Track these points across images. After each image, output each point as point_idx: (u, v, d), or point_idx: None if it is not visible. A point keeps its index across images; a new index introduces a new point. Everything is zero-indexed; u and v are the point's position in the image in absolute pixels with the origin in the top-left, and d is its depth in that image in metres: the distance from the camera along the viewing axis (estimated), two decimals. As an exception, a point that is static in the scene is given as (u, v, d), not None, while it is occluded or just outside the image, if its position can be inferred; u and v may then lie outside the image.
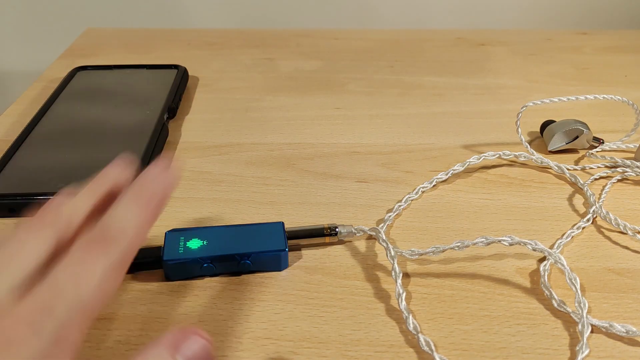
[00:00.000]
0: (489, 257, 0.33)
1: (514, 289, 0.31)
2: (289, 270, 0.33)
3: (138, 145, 0.41)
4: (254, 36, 0.66)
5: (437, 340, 0.28)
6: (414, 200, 0.39)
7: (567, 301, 0.30)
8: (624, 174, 0.40)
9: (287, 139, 0.46)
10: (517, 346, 0.28)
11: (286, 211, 0.37)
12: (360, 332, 0.29)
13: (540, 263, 0.33)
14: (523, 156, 0.42)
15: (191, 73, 0.56)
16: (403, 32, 0.68)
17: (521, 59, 0.60)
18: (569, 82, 0.55)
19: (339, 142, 0.45)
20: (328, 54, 0.62)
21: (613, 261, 0.33)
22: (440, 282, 0.32)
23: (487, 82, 0.55)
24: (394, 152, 0.44)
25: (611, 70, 0.58)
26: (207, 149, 0.44)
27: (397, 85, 0.55)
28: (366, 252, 0.34)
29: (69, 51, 0.62)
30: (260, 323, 0.29)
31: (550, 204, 0.38)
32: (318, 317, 0.30)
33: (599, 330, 0.29)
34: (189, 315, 0.30)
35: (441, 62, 0.60)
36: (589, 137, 0.43)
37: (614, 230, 0.36)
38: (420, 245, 0.34)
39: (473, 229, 0.36)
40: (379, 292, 0.31)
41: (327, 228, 0.34)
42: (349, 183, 0.40)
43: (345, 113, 0.50)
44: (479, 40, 0.65)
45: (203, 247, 0.32)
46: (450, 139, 0.46)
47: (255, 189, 0.40)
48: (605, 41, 0.65)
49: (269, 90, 0.54)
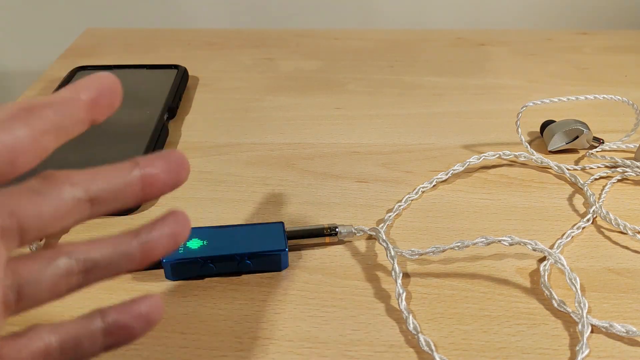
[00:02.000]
0: (489, 257, 0.33)
1: (514, 289, 0.31)
2: (289, 270, 0.33)
3: (138, 145, 0.41)
4: (254, 36, 0.66)
5: (437, 340, 0.28)
6: (414, 200, 0.39)
7: (567, 301, 0.30)
8: (624, 174, 0.40)
9: (287, 139, 0.46)
10: (517, 346, 0.28)
11: (286, 211, 0.37)
12: (360, 332, 0.29)
13: (540, 263, 0.33)
14: (523, 156, 0.42)
15: (191, 73, 0.56)
16: (403, 32, 0.68)
17: (521, 59, 0.60)
18: (569, 82, 0.55)
19: (339, 142, 0.45)
20: (328, 54, 0.62)
21: (613, 261, 0.33)
22: (440, 282, 0.32)
23: (487, 82, 0.55)
24: (394, 152, 0.44)
25: (611, 70, 0.58)
26: (207, 149, 0.44)
27: (397, 85, 0.55)
28: (366, 252, 0.34)
29: (69, 51, 0.62)
30: (260, 323, 0.29)
31: (550, 204, 0.38)
32: (318, 317, 0.30)
33: (599, 330, 0.29)
34: (189, 315, 0.30)
35: (441, 62, 0.60)
36: (589, 137, 0.43)
37: (614, 230, 0.36)
38: (420, 245, 0.34)
39: (473, 229, 0.36)
40: (379, 292, 0.31)
41: (327, 228, 0.34)
42: (349, 183, 0.40)
43: (345, 113, 0.50)
44: (479, 40, 0.65)
45: (203, 247, 0.32)
46: (450, 139, 0.46)
47: (255, 189, 0.40)
48: (605, 41, 0.65)
49: (269, 90, 0.54)
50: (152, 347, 0.28)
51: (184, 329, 0.29)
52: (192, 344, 0.28)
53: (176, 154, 0.20)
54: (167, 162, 0.19)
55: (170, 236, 0.19)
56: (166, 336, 0.29)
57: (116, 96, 0.20)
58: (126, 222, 0.36)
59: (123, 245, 0.19)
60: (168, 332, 0.29)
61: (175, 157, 0.20)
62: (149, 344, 0.28)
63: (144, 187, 0.19)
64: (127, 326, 0.19)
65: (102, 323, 0.19)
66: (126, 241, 0.19)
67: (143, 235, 0.19)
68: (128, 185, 0.19)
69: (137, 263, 0.19)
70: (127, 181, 0.19)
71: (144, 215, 0.37)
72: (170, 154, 0.20)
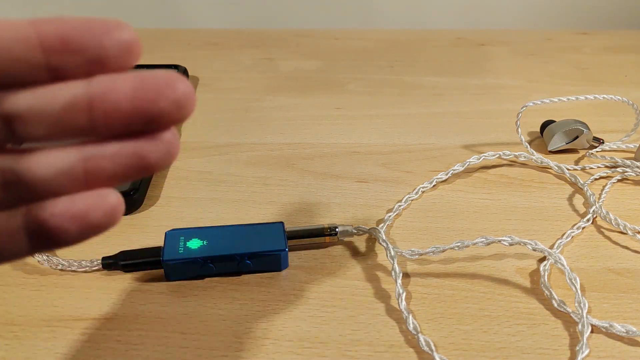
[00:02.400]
0: (489, 257, 0.33)
1: (514, 289, 0.31)
2: (289, 270, 0.33)
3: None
4: (254, 36, 0.66)
5: (437, 340, 0.28)
6: (414, 200, 0.39)
7: (567, 301, 0.30)
8: (624, 174, 0.40)
9: (287, 139, 0.46)
10: (517, 346, 0.28)
11: (286, 211, 0.37)
12: (360, 332, 0.29)
13: (540, 263, 0.33)
14: (523, 156, 0.42)
15: (191, 73, 0.56)
16: (403, 32, 0.68)
17: (521, 59, 0.60)
18: (569, 82, 0.55)
19: (339, 142, 0.45)
20: (328, 54, 0.62)
21: (613, 261, 0.33)
22: (440, 282, 0.32)
23: (487, 82, 0.55)
24: (394, 152, 0.44)
25: (611, 70, 0.58)
26: (207, 149, 0.44)
27: (397, 85, 0.55)
28: (366, 252, 0.34)
29: (69, 51, 0.62)
30: (260, 323, 0.29)
31: (550, 204, 0.38)
32: (318, 317, 0.30)
33: (599, 330, 0.29)
34: (189, 315, 0.30)
35: (441, 62, 0.60)
36: (589, 137, 0.43)
37: (614, 230, 0.36)
38: (420, 245, 0.34)
39: (473, 229, 0.36)
40: (379, 292, 0.31)
41: (327, 228, 0.34)
42: (349, 183, 0.40)
43: (345, 113, 0.50)
44: (479, 40, 0.65)
45: (203, 247, 0.32)
46: (450, 139, 0.46)
47: (255, 189, 0.40)
48: (605, 41, 0.65)
49: (269, 90, 0.54)
50: (152, 347, 0.28)
51: (184, 329, 0.29)
52: (192, 344, 0.28)
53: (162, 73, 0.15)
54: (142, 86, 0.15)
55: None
56: (166, 336, 0.29)
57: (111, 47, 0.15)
58: (126, 222, 0.36)
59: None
60: (168, 332, 0.29)
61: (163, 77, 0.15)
62: (149, 344, 0.28)
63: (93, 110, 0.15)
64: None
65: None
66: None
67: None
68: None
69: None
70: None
71: (144, 214, 0.37)
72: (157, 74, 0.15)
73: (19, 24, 0.15)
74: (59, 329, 0.29)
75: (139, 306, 0.30)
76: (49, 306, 0.30)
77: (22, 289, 0.31)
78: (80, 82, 0.15)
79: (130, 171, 0.16)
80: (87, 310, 0.30)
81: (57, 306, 0.30)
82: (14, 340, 0.28)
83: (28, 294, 0.31)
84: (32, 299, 0.31)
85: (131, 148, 0.16)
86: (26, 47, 0.15)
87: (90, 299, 0.31)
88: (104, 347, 0.28)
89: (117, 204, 0.16)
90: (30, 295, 0.31)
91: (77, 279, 0.32)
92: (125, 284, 0.32)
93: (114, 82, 0.15)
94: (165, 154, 0.16)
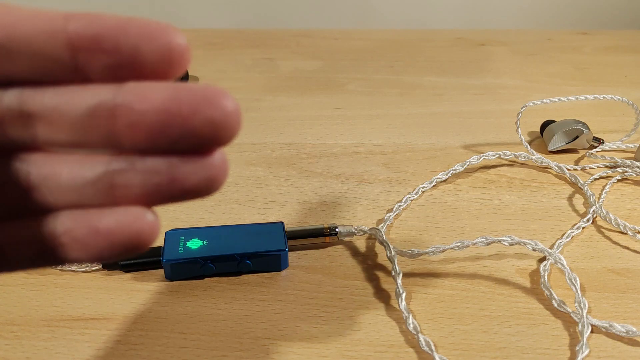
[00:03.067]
0: (489, 257, 0.33)
1: (514, 289, 0.31)
2: (289, 270, 0.33)
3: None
4: (254, 36, 0.66)
5: (437, 340, 0.28)
6: (414, 200, 0.39)
7: (567, 301, 0.30)
8: (624, 174, 0.40)
9: (287, 139, 0.46)
10: (517, 346, 0.28)
11: (286, 211, 0.37)
12: (360, 332, 0.29)
13: (540, 263, 0.33)
14: (523, 156, 0.42)
15: (191, 73, 0.56)
16: (403, 32, 0.68)
17: (521, 59, 0.60)
18: (569, 82, 0.55)
19: (339, 142, 0.45)
20: (328, 54, 0.62)
21: (613, 261, 0.33)
22: (440, 282, 0.32)
23: (487, 82, 0.55)
24: (394, 152, 0.44)
25: (611, 70, 0.58)
26: (207, 149, 0.44)
27: (397, 85, 0.55)
28: (366, 252, 0.34)
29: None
30: (260, 323, 0.29)
31: (550, 204, 0.38)
32: (318, 317, 0.30)
33: (599, 330, 0.29)
34: (189, 315, 0.30)
35: (441, 62, 0.60)
36: (589, 137, 0.43)
37: (614, 230, 0.36)
38: (420, 245, 0.34)
39: (473, 229, 0.36)
40: (379, 292, 0.31)
41: (327, 228, 0.34)
42: (349, 183, 0.40)
43: (345, 113, 0.50)
44: (479, 40, 0.65)
45: (203, 247, 0.32)
46: (450, 139, 0.46)
47: (255, 189, 0.40)
48: (605, 41, 0.65)
49: (269, 90, 0.54)
50: (152, 347, 0.28)
51: (184, 329, 0.29)
52: (192, 344, 0.28)
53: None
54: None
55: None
56: (166, 336, 0.29)
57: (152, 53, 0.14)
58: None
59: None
60: (168, 332, 0.29)
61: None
62: (148, 344, 0.28)
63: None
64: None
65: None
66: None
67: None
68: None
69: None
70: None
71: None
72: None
73: (51, 15, 0.13)
74: (59, 329, 0.29)
75: (139, 306, 0.30)
76: (49, 306, 0.30)
77: (22, 289, 0.31)
78: (110, 86, 0.14)
79: (163, 192, 0.14)
80: (87, 310, 0.30)
81: (57, 306, 0.30)
82: (14, 340, 0.28)
83: (28, 294, 0.31)
84: (32, 299, 0.31)
85: (164, 167, 0.14)
86: (51, 41, 0.13)
87: (90, 299, 0.31)
88: (104, 347, 0.28)
89: (150, 225, 0.14)
90: (30, 295, 0.31)
91: (77, 279, 0.32)
92: (125, 284, 0.32)
93: (144, 91, 0.14)
94: (204, 180, 0.14)
